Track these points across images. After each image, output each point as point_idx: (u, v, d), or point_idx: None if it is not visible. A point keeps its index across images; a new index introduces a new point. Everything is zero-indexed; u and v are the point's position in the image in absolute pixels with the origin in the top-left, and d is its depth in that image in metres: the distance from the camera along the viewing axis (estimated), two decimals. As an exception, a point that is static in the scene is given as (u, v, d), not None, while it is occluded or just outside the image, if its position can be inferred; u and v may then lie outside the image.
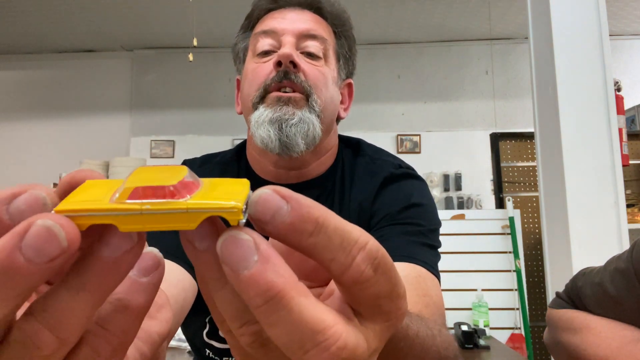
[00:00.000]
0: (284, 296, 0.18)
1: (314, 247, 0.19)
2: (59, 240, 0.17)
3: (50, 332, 0.18)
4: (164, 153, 4.37)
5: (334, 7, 0.78)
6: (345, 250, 0.19)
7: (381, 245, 0.20)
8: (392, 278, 0.20)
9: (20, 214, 0.18)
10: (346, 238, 0.19)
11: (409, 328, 0.44)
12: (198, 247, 0.19)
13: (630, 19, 4.09)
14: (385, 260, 0.20)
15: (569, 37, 1.79)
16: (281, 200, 0.19)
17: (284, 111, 0.69)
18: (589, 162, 1.71)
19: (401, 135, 4.34)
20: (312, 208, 0.19)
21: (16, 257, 0.17)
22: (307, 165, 0.77)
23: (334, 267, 0.19)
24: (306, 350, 0.18)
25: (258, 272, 0.18)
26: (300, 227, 0.18)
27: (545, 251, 1.86)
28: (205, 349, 0.78)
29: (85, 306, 0.19)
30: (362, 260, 0.19)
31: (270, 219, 0.18)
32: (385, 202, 0.75)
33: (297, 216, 0.18)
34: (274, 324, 0.18)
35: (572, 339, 0.72)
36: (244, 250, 0.18)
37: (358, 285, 0.19)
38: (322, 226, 0.19)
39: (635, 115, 3.22)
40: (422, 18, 4.01)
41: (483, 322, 2.52)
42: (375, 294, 0.20)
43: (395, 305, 0.21)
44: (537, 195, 2.09)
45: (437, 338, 0.50)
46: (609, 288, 0.68)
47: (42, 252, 0.17)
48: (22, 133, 4.47)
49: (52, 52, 4.56)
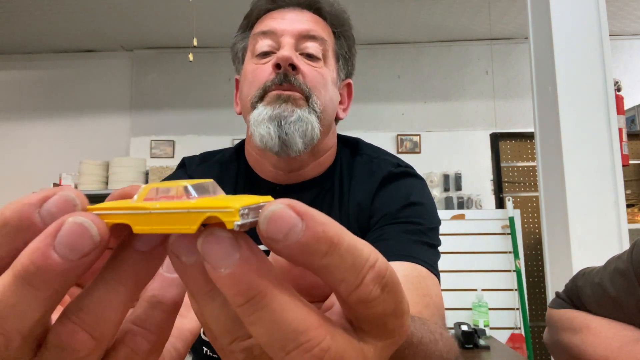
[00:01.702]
0: (265, 295, 0.17)
1: (326, 268, 0.18)
2: (92, 234, 0.18)
3: (86, 332, 0.19)
4: (164, 153, 4.37)
5: (333, 7, 0.78)
6: (356, 271, 0.18)
7: (388, 263, 0.19)
8: (398, 296, 0.20)
9: (52, 216, 0.18)
10: (358, 257, 0.18)
11: (413, 335, 0.43)
12: (185, 261, 0.18)
13: (630, 19, 4.09)
14: (393, 279, 0.19)
15: (569, 37, 1.78)
16: (296, 217, 0.17)
17: (284, 108, 0.69)
18: (589, 162, 1.71)
19: (401, 135, 4.34)
20: (327, 226, 0.17)
21: (51, 255, 0.17)
22: (305, 166, 0.77)
23: (342, 287, 0.18)
24: (287, 351, 0.18)
25: (239, 270, 0.17)
26: (314, 248, 0.17)
27: (545, 251, 1.86)
28: (203, 347, 0.78)
29: (120, 301, 0.19)
30: (370, 280, 0.18)
31: (283, 238, 0.17)
32: (384, 201, 0.74)
33: (312, 236, 0.17)
34: (255, 323, 0.18)
35: (572, 338, 0.72)
36: (225, 247, 0.17)
37: (364, 305, 0.19)
38: (337, 246, 0.17)
39: (635, 115, 3.22)
40: (422, 18, 4.01)
41: (483, 322, 2.52)
42: (381, 313, 0.19)
43: (400, 322, 0.20)
44: (537, 195, 2.09)
45: (439, 342, 0.50)
46: (608, 288, 0.68)
47: (75, 248, 0.17)
48: (22, 133, 4.47)
49: (52, 52, 4.56)
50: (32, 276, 0.17)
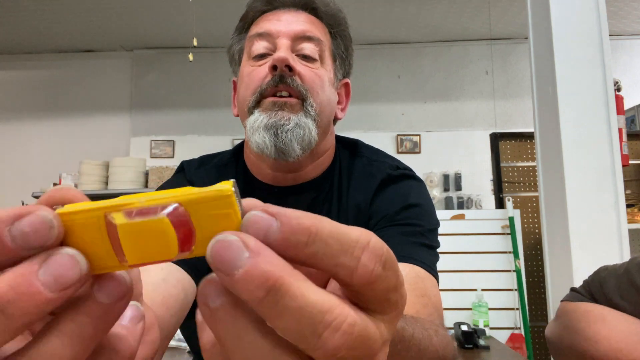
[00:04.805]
0: (283, 282, 0.18)
1: (314, 256, 0.18)
2: (81, 267, 0.18)
3: None
4: (164, 153, 4.37)
5: (329, 7, 0.77)
6: (348, 253, 0.19)
7: (383, 241, 0.20)
8: (397, 269, 0.20)
9: (23, 236, 0.17)
10: (344, 240, 0.19)
11: (404, 330, 0.44)
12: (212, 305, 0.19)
13: (630, 19, 4.09)
14: (391, 255, 0.20)
15: (569, 37, 1.78)
16: (270, 218, 0.18)
17: (280, 116, 0.68)
18: (589, 162, 1.71)
19: (401, 135, 4.34)
20: (302, 218, 0.18)
21: (35, 284, 0.17)
22: (303, 168, 0.77)
23: (340, 272, 0.19)
24: (319, 334, 0.18)
25: (252, 266, 0.17)
26: (295, 240, 0.18)
27: (545, 251, 1.86)
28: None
29: (73, 357, 0.18)
30: (369, 260, 0.19)
31: (264, 239, 0.18)
32: (383, 203, 0.74)
33: (288, 230, 0.18)
34: (281, 315, 0.18)
35: (586, 331, 0.71)
36: (233, 250, 0.18)
37: (369, 285, 0.19)
38: (317, 234, 0.18)
39: (635, 115, 3.21)
40: (422, 18, 4.01)
41: (483, 322, 2.52)
42: (385, 289, 0.20)
43: (400, 293, 0.21)
44: (537, 195, 2.09)
45: (433, 338, 0.50)
46: (635, 278, 0.69)
47: (61, 280, 0.17)
48: (22, 133, 4.47)
49: (52, 52, 4.56)
50: (8, 304, 0.16)
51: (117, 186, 3.59)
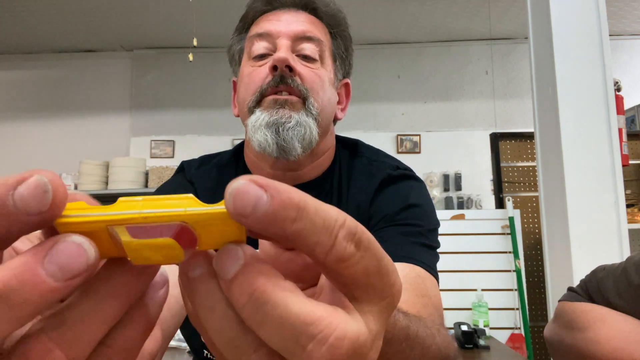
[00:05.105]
0: (265, 290, 0.18)
1: (299, 233, 0.18)
2: (88, 256, 0.17)
3: (62, 351, 0.17)
4: (164, 153, 4.37)
5: (329, 7, 0.77)
6: (328, 231, 0.18)
7: (358, 222, 0.20)
8: (377, 253, 0.20)
9: (22, 200, 0.17)
10: (327, 218, 0.18)
11: (409, 328, 0.44)
12: (191, 275, 0.19)
13: (630, 19, 4.09)
14: (367, 236, 0.20)
15: (569, 37, 1.79)
16: (259, 190, 0.18)
17: (281, 114, 0.68)
18: (589, 162, 1.71)
19: (401, 135, 4.34)
20: (292, 193, 0.18)
21: (39, 273, 0.16)
22: (303, 168, 0.77)
23: (318, 250, 0.19)
24: (303, 345, 0.17)
25: (240, 272, 0.18)
26: (283, 215, 0.18)
27: (545, 251, 1.86)
28: (203, 350, 0.78)
29: (107, 317, 0.18)
30: (343, 238, 0.19)
31: (252, 211, 0.17)
32: (383, 203, 0.74)
33: (278, 204, 0.17)
34: (262, 323, 0.18)
35: (585, 331, 0.71)
36: (231, 257, 0.19)
37: (343, 264, 0.19)
38: (304, 210, 0.18)
39: (635, 115, 3.22)
40: (422, 18, 4.01)
41: (483, 322, 2.52)
42: (363, 271, 0.19)
43: (388, 281, 0.20)
44: (537, 195, 2.09)
45: (436, 337, 0.51)
46: (632, 277, 0.68)
47: (67, 269, 0.17)
48: (22, 133, 4.47)
49: (52, 52, 4.56)
50: (12, 293, 0.16)
51: (117, 186, 3.59)
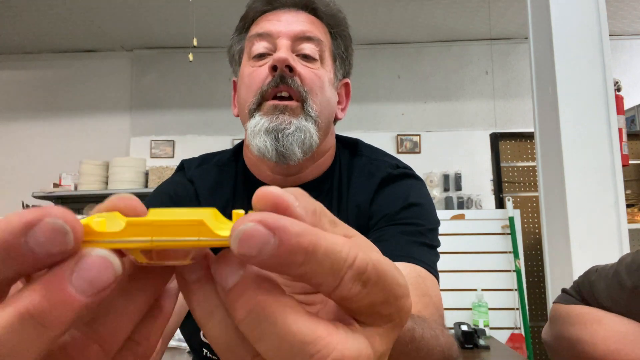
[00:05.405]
0: (265, 306, 0.17)
1: (304, 275, 0.18)
2: (115, 268, 0.17)
3: (98, 344, 0.18)
4: (164, 153, 4.37)
5: (329, 7, 0.77)
6: (334, 272, 0.18)
7: (373, 253, 0.19)
8: (387, 285, 0.19)
9: (41, 246, 0.16)
10: (336, 260, 0.18)
11: (414, 330, 0.44)
12: (188, 279, 0.20)
13: (630, 19, 4.09)
14: (377, 271, 0.19)
15: (569, 37, 1.79)
16: (267, 234, 0.17)
17: (280, 120, 0.68)
18: (589, 162, 1.71)
19: (401, 135, 4.34)
20: (301, 237, 0.17)
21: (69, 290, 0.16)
22: (304, 169, 0.77)
23: (322, 289, 0.19)
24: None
25: (241, 284, 0.18)
26: (290, 260, 0.17)
27: (545, 251, 1.86)
28: (203, 349, 0.78)
29: (138, 311, 0.19)
30: (349, 279, 0.18)
31: (257, 254, 0.17)
32: (383, 202, 0.74)
33: (286, 249, 0.17)
34: (261, 338, 0.18)
35: (581, 333, 0.71)
36: (231, 266, 0.18)
37: (347, 302, 0.19)
38: (313, 254, 0.17)
39: (635, 115, 3.22)
40: (422, 18, 4.01)
41: (483, 322, 2.52)
42: (369, 305, 0.19)
43: (396, 306, 0.20)
44: (537, 195, 2.09)
45: (440, 338, 0.51)
46: (625, 280, 0.68)
47: (96, 283, 0.17)
48: (22, 133, 4.47)
49: (52, 52, 4.56)
50: (44, 314, 0.16)
51: (117, 186, 3.59)
